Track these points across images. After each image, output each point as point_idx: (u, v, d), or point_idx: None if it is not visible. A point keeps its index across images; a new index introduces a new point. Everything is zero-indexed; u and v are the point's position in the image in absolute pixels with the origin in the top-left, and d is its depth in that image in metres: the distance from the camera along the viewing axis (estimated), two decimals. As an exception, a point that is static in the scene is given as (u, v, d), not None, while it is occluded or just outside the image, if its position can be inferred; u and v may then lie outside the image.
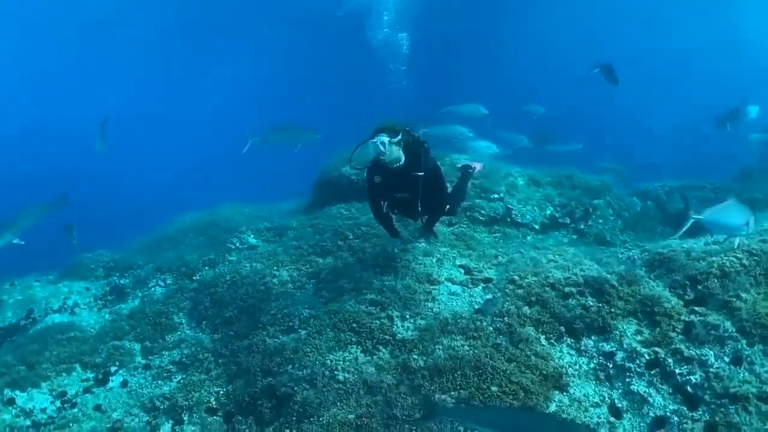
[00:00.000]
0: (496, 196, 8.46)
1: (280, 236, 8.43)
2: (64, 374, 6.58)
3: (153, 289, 8.06)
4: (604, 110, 26.91)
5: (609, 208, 8.88)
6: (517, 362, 5.25)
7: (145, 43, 30.55)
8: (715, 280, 5.55)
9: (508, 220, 8.28)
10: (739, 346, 4.93)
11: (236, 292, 7.10)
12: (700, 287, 5.58)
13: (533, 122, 14.23)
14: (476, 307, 6.06)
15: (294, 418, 5.22)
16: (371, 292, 6.34)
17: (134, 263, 8.82)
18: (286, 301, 6.64)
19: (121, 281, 8.44)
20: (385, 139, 5.41)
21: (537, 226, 8.44)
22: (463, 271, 6.71)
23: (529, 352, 5.36)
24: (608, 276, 5.92)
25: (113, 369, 6.67)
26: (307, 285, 6.94)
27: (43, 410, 6.15)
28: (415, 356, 5.46)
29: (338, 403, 5.17)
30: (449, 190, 6.62)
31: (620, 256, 6.61)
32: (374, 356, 5.64)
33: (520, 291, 6.00)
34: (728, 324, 5.11)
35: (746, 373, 4.69)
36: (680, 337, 5.21)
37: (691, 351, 5.03)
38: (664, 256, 6.17)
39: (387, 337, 5.78)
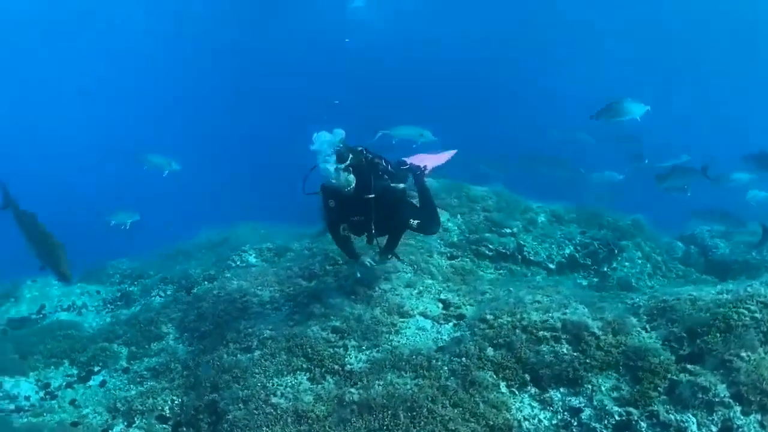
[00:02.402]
0: (508, 230, 8.35)
1: (279, 257, 8.84)
2: (52, 367, 7.36)
3: (154, 298, 8.80)
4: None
5: (638, 251, 8.48)
6: (463, 408, 5.08)
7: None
8: (717, 335, 5.06)
9: (519, 257, 8.10)
10: (731, 414, 4.45)
11: (217, 307, 7.56)
12: (698, 341, 5.11)
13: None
14: (440, 344, 6.06)
15: None
16: (338, 319, 6.48)
17: (146, 273, 9.68)
18: (256, 320, 6.93)
19: (131, 288, 9.33)
20: (331, 167, 5.75)
21: (552, 266, 8.19)
22: (441, 306, 6.66)
23: (479, 399, 5.15)
24: (590, 322, 5.57)
25: (96, 369, 7.35)
26: (283, 307, 7.22)
27: (27, 398, 6.87)
28: (352, 389, 5.48)
29: (264, 428, 5.28)
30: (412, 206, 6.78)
31: (626, 302, 6.21)
32: (319, 385, 5.72)
33: (489, 331, 5.79)
34: (722, 387, 4.61)
35: (735, 450, 4.25)
36: (662, 397, 4.78)
37: (670, 415, 4.59)
38: (667, 304, 5.75)
39: (336, 366, 5.89)
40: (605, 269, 8.24)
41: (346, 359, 5.98)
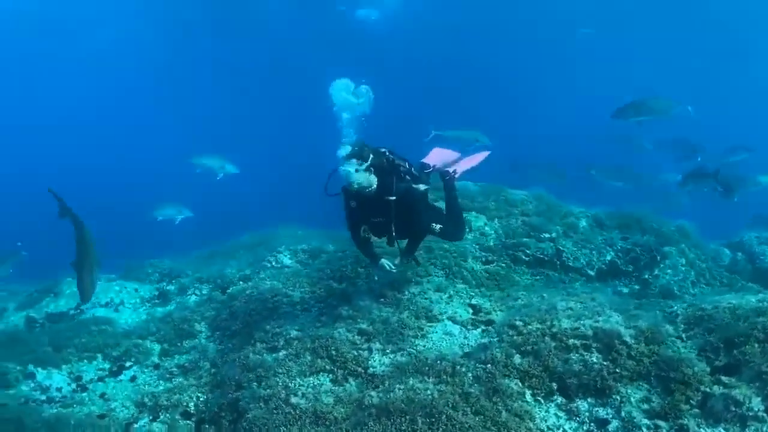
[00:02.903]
0: (547, 235, 8.23)
1: (313, 258, 8.95)
2: (85, 361, 7.67)
3: (189, 296, 9.08)
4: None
5: (681, 257, 8.22)
6: (484, 416, 5.00)
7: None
8: (755, 345, 4.87)
9: (557, 262, 7.96)
10: (765, 429, 4.30)
11: (248, 307, 7.75)
12: (735, 352, 4.93)
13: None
14: (467, 350, 6.03)
15: None
16: (364, 321, 6.54)
17: (184, 272, 9.94)
18: (285, 320, 7.06)
19: (168, 287, 9.60)
20: (352, 168, 5.82)
21: (592, 272, 8.00)
22: (471, 311, 6.62)
23: (502, 407, 5.06)
24: (623, 330, 5.42)
25: (128, 364, 7.62)
26: (313, 308, 7.34)
27: (59, 389, 7.21)
28: (372, 393, 5.49)
29: (281, 428, 5.34)
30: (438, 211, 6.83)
31: (664, 310, 6.07)
32: (340, 387, 5.78)
33: (518, 338, 5.70)
34: (756, 401, 4.45)
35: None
36: (694, 410, 4.64)
37: (700, 429, 4.47)
38: (705, 312, 5.58)
39: (359, 369, 5.94)
40: (647, 276, 8.00)
41: (370, 362, 6.01)
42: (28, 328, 8.77)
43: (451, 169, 7.37)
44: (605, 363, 5.24)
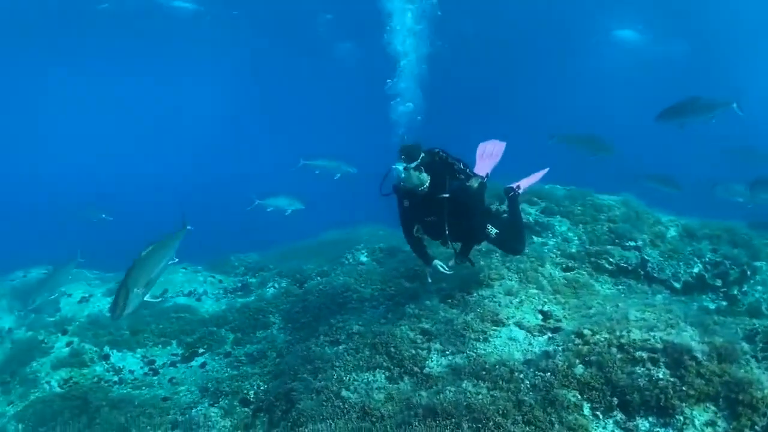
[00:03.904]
0: (632, 243, 7.86)
1: (390, 257, 9.09)
2: (159, 346, 8.28)
3: (268, 289, 9.52)
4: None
5: None
6: (535, 427, 4.89)
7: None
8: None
9: (641, 273, 7.55)
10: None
11: (319, 300, 8.03)
12: (814, 376, 4.45)
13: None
14: (529, 357, 5.97)
15: (289, 424, 5.77)
16: (428, 321, 6.55)
17: (267, 266, 10.43)
18: (351, 315, 7.24)
19: (251, 280, 10.14)
20: (400, 166, 5.98)
21: (678, 285, 7.54)
22: (541, 317, 6.47)
23: (555, 419, 4.91)
24: (694, 345, 5.03)
25: (201, 351, 8.13)
26: (381, 305, 7.48)
27: (132, 372, 7.83)
28: (422, 393, 5.52)
29: (328, 420, 5.49)
30: (500, 224, 6.75)
31: (746, 328, 5.72)
32: (394, 384, 5.85)
33: (583, 347, 5.46)
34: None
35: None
36: (756, 437, 4.29)
37: (762, 459, 4.21)
38: (789, 331, 5.05)
39: (416, 368, 5.97)
40: (735, 292, 7.46)
41: (427, 362, 6.00)
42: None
43: (515, 185, 7.39)
44: (672, 380, 4.95)
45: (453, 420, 5.16)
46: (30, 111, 39.63)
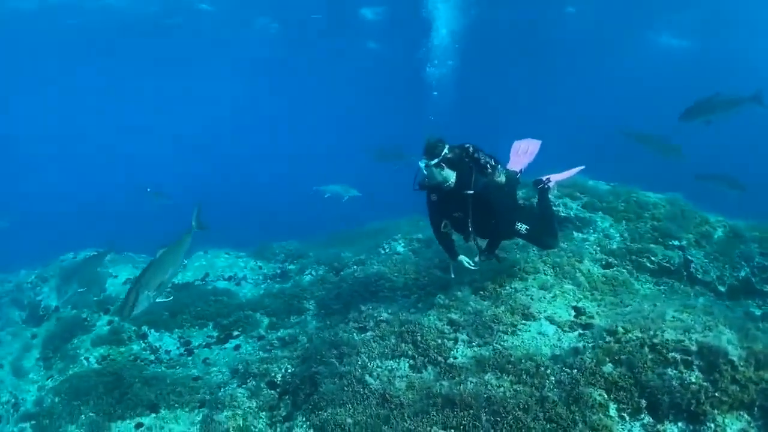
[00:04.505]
0: (675, 243, 7.56)
1: (427, 247, 9.01)
2: (196, 328, 8.49)
3: (306, 276, 9.61)
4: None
5: None
6: (557, 425, 4.76)
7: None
8: None
9: (684, 274, 7.24)
10: None
11: (353, 288, 8.08)
12: None
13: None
14: (557, 353, 5.78)
15: (310, 407, 5.86)
16: (457, 312, 6.46)
17: (306, 254, 10.55)
18: (381, 303, 7.22)
19: (289, 266, 10.27)
20: (422, 163, 6.02)
21: (722, 288, 7.21)
22: (573, 313, 6.29)
23: (579, 418, 4.75)
24: (731, 349, 4.78)
25: (235, 333, 8.30)
26: (413, 294, 7.43)
27: (168, 352, 8.08)
28: (443, 382, 5.47)
29: (348, 405, 5.56)
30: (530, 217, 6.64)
31: None
32: (417, 373, 5.79)
33: (614, 345, 5.27)
34: None
35: None
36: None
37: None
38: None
39: (440, 358, 5.88)
40: None
41: (452, 352, 5.93)
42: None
43: (545, 177, 7.26)
44: (705, 384, 4.72)
45: (471, 411, 5.11)
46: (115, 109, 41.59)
